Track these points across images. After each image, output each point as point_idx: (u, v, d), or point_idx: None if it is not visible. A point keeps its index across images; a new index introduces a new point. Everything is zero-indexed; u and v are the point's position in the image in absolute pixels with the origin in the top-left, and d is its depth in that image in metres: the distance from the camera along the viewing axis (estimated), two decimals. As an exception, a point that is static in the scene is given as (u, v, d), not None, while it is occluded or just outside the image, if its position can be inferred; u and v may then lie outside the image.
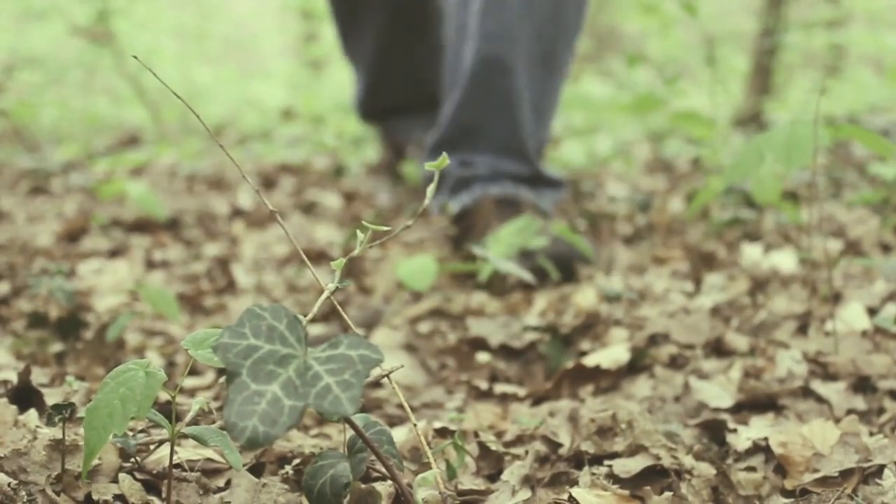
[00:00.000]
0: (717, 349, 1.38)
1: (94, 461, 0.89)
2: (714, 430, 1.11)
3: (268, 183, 3.08)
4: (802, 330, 1.42)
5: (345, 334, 0.69)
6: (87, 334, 1.52)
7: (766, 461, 1.04)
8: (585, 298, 1.62)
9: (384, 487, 0.87)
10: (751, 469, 1.03)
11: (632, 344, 1.39)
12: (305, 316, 0.74)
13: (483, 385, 1.33)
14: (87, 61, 5.78)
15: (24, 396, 1.08)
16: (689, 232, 2.19)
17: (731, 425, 1.11)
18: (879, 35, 5.64)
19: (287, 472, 0.94)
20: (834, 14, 6.06)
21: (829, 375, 1.24)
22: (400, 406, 1.23)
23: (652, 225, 2.27)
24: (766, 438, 1.05)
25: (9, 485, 0.84)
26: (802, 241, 1.89)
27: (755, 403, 1.18)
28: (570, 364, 1.33)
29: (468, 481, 0.99)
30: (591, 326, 1.50)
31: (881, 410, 1.15)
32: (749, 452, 1.05)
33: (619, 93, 4.48)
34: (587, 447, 1.03)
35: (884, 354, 1.27)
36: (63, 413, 0.89)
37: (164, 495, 0.87)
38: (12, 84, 5.14)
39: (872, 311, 1.45)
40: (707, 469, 1.00)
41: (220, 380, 0.97)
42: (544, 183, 2.15)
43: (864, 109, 4.38)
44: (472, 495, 0.95)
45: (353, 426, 0.75)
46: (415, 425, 0.82)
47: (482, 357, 1.46)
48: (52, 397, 1.10)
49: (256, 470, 0.95)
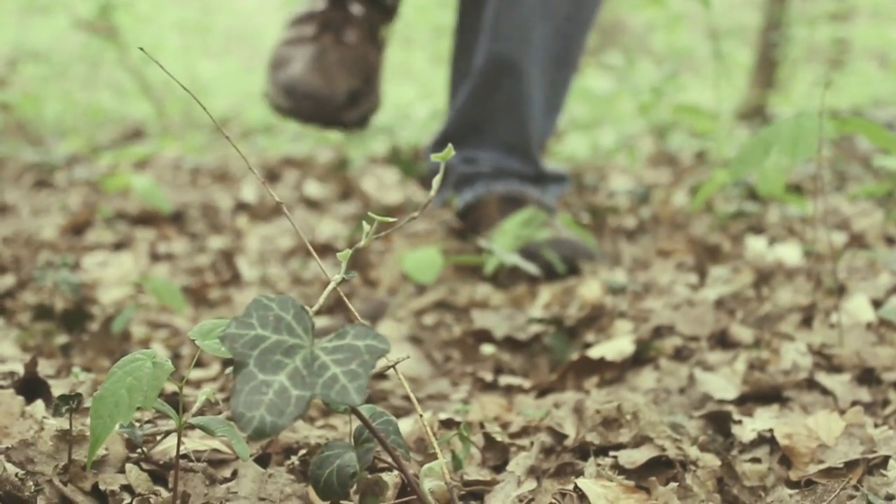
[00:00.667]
0: (722, 341, 1.39)
1: (100, 451, 0.89)
2: (719, 422, 1.11)
3: (272, 176, 3.09)
4: (807, 322, 1.42)
5: (351, 324, 0.69)
6: (92, 326, 1.53)
7: (771, 452, 1.04)
8: (590, 291, 1.63)
9: (390, 477, 0.88)
10: (756, 460, 1.03)
11: (637, 336, 1.39)
12: (312, 307, 0.74)
13: (488, 377, 1.33)
14: (90, 55, 5.79)
15: (31, 388, 1.08)
16: (693, 225, 2.19)
17: (736, 417, 1.11)
18: (883, 29, 5.63)
19: (293, 463, 0.94)
20: (838, 8, 6.05)
21: (834, 367, 1.24)
22: (405, 397, 1.23)
23: (657, 218, 2.27)
24: (771, 430, 1.05)
25: (16, 475, 0.84)
26: (807, 234, 1.89)
27: (760, 395, 1.18)
28: (574, 356, 1.33)
29: (474, 472, 0.99)
30: (596, 318, 1.50)
31: (886, 402, 1.15)
32: (754, 444, 1.05)
33: (623, 87, 4.47)
34: (592, 438, 1.03)
35: (888, 346, 1.27)
36: (70, 404, 0.89)
37: (170, 485, 0.87)
38: (16, 78, 5.14)
39: (877, 304, 1.45)
40: (712, 460, 1.00)
41: (227, 371, 0.97)
42: (548, 179, 2.14)
43: (868, 103, 4.38)
44: (478, 486, 0.95)
45: (360, 416, 0.76)
46: (421, 416, 0.83)
47: (487, 349, 1.46)
48: (58, 388, 1.10)
49: (263, 460, 0.96)
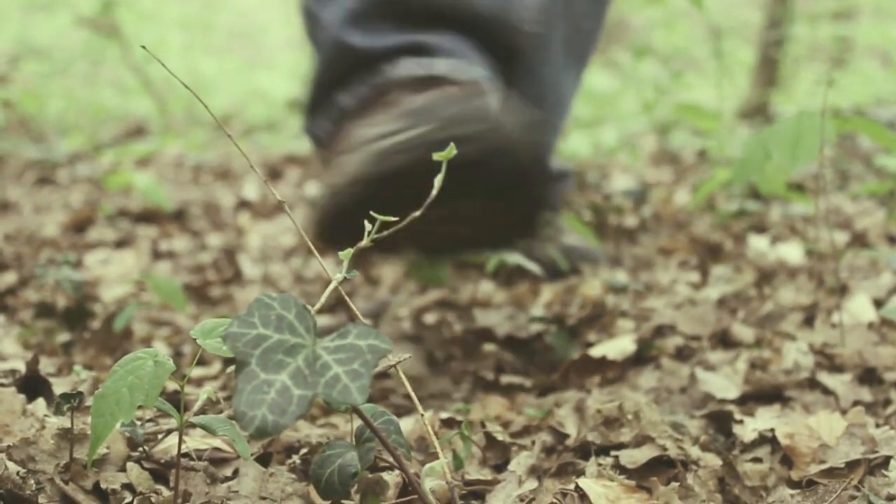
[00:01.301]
0: (724, 340, 1.38)
1: (102, 450, 0.89)
2: (720, 422, 1.11)
3: (273, 174, 3.09)
4: (809, 321, 1.42)
5: (353, 324, 0.69)
6: (94, 324, 1.53)
7: (773, 452, 1.04)
8: (592, 289, 1.62)
9: (391, 477, 0.88)
10: (757, 460, 1.03)
11: (638, 335, 1.39)
12: (313, 306, 0.74)
13: (489, 376, 1.33)
14: (92, 52, 5.79)
15: (32, 386, 1.08)
16: (695, 223, 2.18)
17: (737, 416, 1.11)
18: (886, 27, 5.63)
19: (294, 462, 0.94)
20: (840, 6, 6.04)
21: (836, 367, 1.24)
22: (407, 396, 1.23)
23: (658, 216, 2.27)
24: (772, 429, 1.05)
25: (17, 473, 0.84)
26: (809, 233, 1.89)
27: (761, 395, 1.18)
28: (576, 355, 1.33)
29: (475, 471, 0.99)
30: (598, 317, 1.50)
31: (887, 402, 1.15)
32: (755, 443, 1.05)
33: (626, 85, 4.47)
34: (594, 438, 1.03)
35: (890, 346, 1.27)
36: (71, 402, 0.89)
37: (171, 484, 0.87)
38: (18, 75, 5.14)
39: (879, 303, 1.45)
40: (713, 460, 1.00)
41: (228, 370, 0.97)
42: (553, 177, 2.13)
43: (871, 101, 4.38)
44: (479, 485, 0.95)
45: (361, 416, 0.75)
46: (422, 415, 0.83)
47: (488, 348, 1.46)
48: (59, 386, 1.10)
49: (264, 459, 0.96)
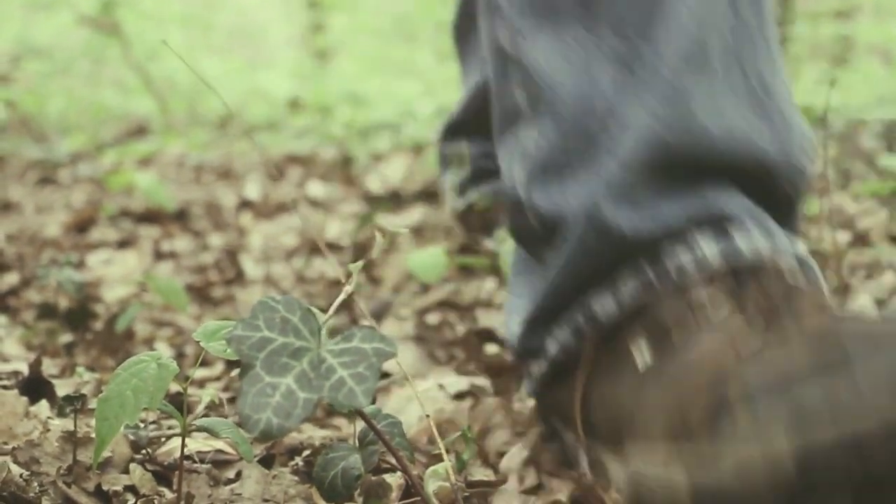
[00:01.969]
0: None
1: (105, 452, 0.89)
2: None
3: (275, 173, 3.09)
4: (811, 322, 1.42)
5: (358, 327, 0.69)
6: (96, 325, 1.53)
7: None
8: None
9: (394, 479, 0.88)
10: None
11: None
12: (319, 309, 0.74)
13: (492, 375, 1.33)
14: (93, 52, 5.79)
15: (35, 387, 1.08)
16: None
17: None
18: (886, 26, 5.63)
19: (297, 464, 0.94)
20: (841, 5, 6.04)
21: (839, 367, 1.24)
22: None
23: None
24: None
25: (21, 476, 0.84)
26: (811, 233, 1.89)
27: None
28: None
29: (478, 472, 0.99)
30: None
31: (890, 403, 1.15)
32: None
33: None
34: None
35: (893, 346, 1.26)
36: (74, 404, 0.89)
37: (174, 486, 0.87)
38: (19, 74, 5.15)
39: (881, 303, 1.44)
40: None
41: (232, 373, 0.97)
42: None
43: (873, 101, 4.37)
44: (482, 487, 0.95)
45: (365, 418, 0.75)
46: (427, 416, 0.83)
47: (491, 348, 1.46)
48: (62, 388, 1.10)
49: (267, 461, 0.96)
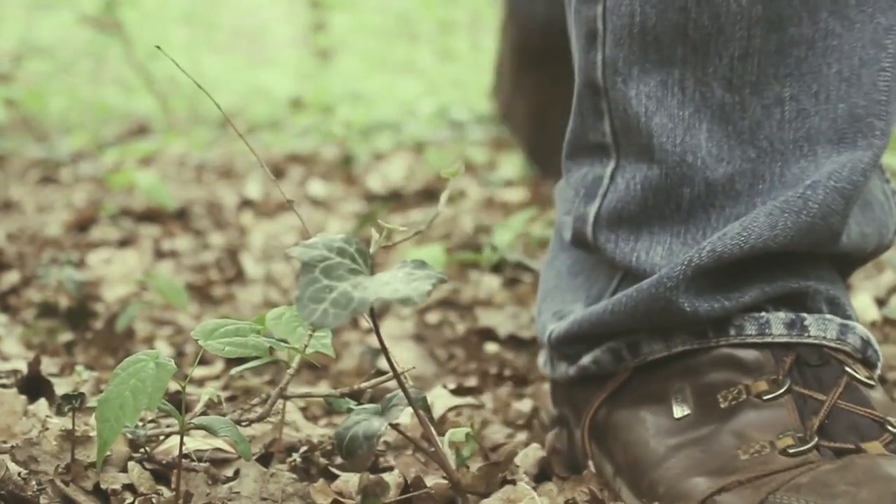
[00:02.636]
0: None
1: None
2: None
3: (276, 173, 3.09)
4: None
5: (405, 262, 0.71)
6: (96, 324, 1.53)
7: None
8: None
9: (392, 478, 0.88)
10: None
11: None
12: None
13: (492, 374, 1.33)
14: (95, 51, 5.79)
15: (34, 386, 1.08)
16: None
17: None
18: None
19: (295, 461, 0.94)
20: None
21: (838, 366, 1.24)
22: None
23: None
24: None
25: (19, 474, 0.84)
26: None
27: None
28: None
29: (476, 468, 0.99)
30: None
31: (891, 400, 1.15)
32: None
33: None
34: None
35: (892, 345, 1.26)
36: (73, 403, 0.89)
37: (173, 485, 0.87)
38: (21, 73, 5.15)
39: (881, 302, 1.44)
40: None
41: (232, 371, 0.97)
42: None
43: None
44: (482, 483, 0.95)
45: (392, 367, 0.75)
46: (430, 415, 0.82)
47: (491, 347, 1.46)
48: (61, 387, 1.10)
49: (265, 460, 0.96)
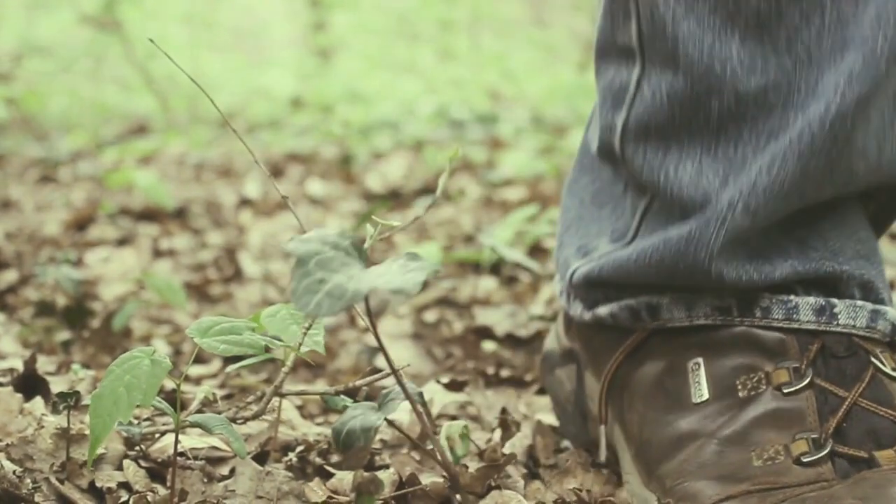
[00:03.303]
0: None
1: (99, 449, 0.89)
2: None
3: (275, 172, 3.09)
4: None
5: (399, 255, 0.71)
6: (93, 323, 1.53)
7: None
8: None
9: (387, 475, 0.88)
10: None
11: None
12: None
13: (489, 373, 1.33)
14: (95, 50, 5.79)
15: (30, 384, 1.08)
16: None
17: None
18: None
19: (291, 460, 0.94)
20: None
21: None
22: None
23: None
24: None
25: (14, 472, 0.84)
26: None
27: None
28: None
29: (473, 468, 0.99)
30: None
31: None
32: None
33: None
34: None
35: (890, 344, 1.26)
36: (68, 401, 0.89)
37: (168, 483, 0.87)
38: (21, 73, 5.15)
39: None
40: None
41: (227, 369, 0.97)
42: None
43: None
44: (477, 482, 0.95)
45: (389, 363, 0.75)
46: (427, 415, 0.82)
47: (488, 346, 1.46)
48: (57, 385, 1.10)
49: (260, 458, 0.95)
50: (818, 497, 0.73)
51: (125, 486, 0.87)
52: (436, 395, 1.16)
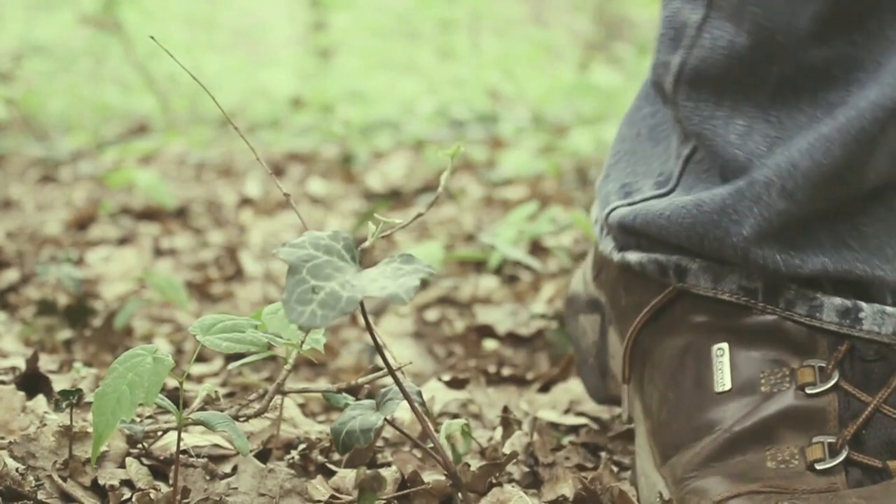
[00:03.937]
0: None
1: (101, 447, 0.89)
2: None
3: (276, 171, 3.09)
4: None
5: (396, 255, 0.70)
6: (95, 321, 1.53)
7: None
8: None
9: (390, 473, 0.88)
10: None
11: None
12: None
13: (491, 371, 1.33)
14: (95, 50, 5.79)
15: (32, 383, 1.08)
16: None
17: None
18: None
19: (293, 458, 0.94)
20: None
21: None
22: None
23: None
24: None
25: (17, 470, 0.84)
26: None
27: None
28: (576, 351, 1.32)
29: (475, 466, 0.99)
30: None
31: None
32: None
33: (629, 81, 4.47)
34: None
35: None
36: (70, 399, 0.89)
37: (171, 481, 0.87)
38: (21, 73, 5.15)
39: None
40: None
41: (229, 367, 0.97)
42: None
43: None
44: (479, 480, 0.95)
45: (387, 364, 0.75)
46: (427, 412, 0.82)
47: (489, 344, 1.46)
48: (59, 384, 1.10)
49: (263, 456, 0.96)
50: (823, 497, 0.72)
51: (128, 483, 0.87)
52: (437, 394, 1.16)
